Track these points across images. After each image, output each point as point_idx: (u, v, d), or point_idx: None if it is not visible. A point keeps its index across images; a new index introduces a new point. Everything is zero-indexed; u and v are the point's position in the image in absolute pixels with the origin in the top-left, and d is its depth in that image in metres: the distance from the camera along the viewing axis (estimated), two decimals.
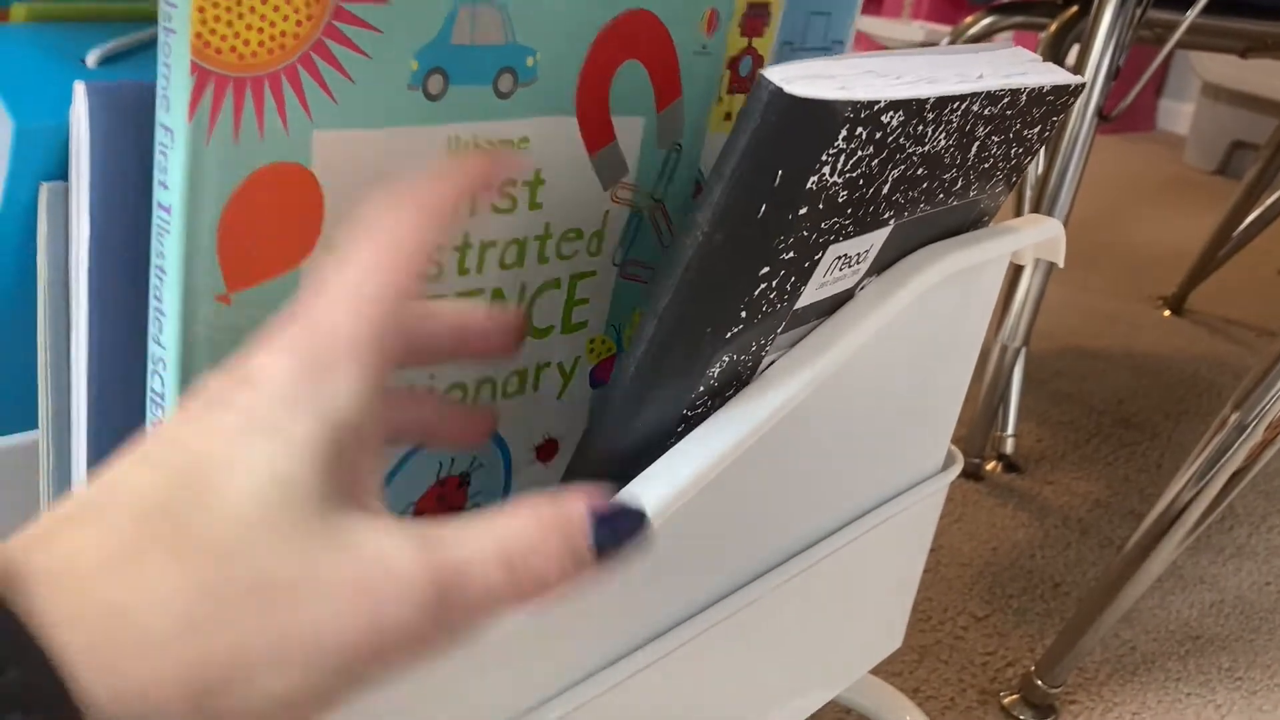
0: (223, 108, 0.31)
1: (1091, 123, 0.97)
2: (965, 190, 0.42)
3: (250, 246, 0.33)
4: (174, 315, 0.33)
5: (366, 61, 0.34)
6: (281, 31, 0.31)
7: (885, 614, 0.59)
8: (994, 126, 0.40)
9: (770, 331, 0.36)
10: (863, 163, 0.33)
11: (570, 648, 0.36)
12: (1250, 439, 0.69)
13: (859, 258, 0.38)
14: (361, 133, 0.35)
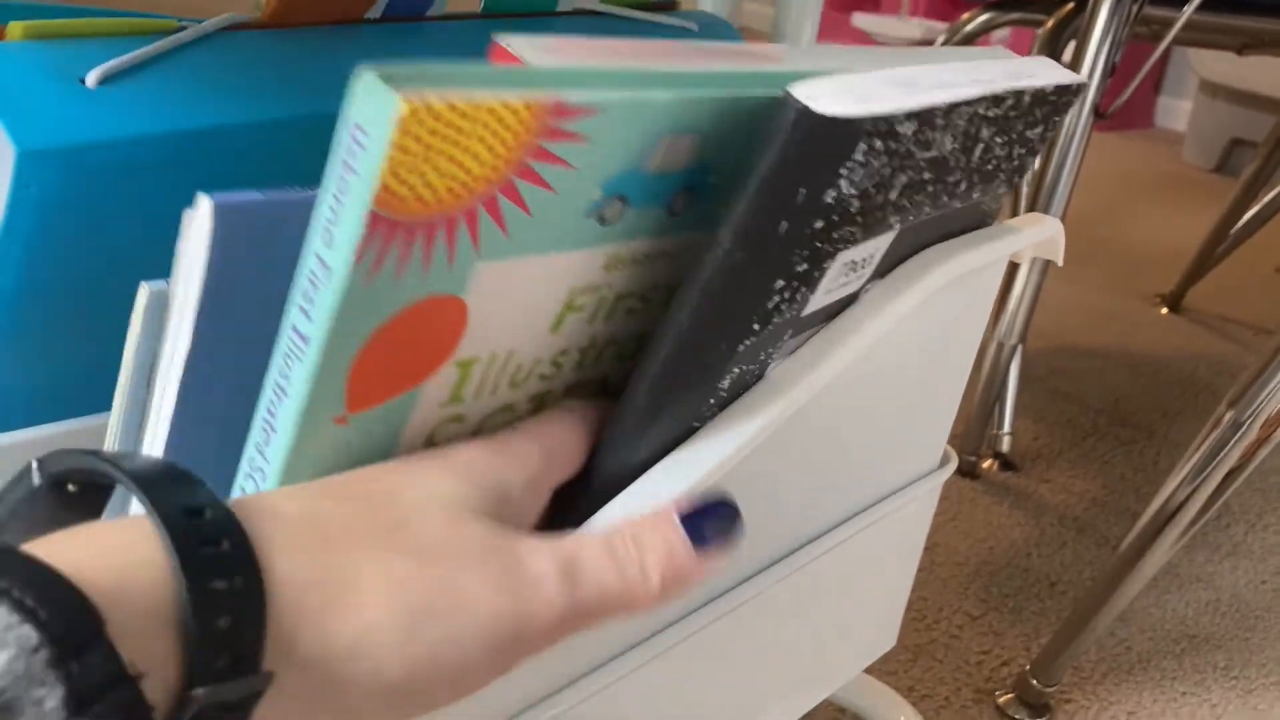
0: (390, 249, 0.27)
1: (1088, 120, 0.97)
2: (969, 192, 0.42)
3: (381, 373, 0.30)
4: (286, 434, 0.30)
5: (552, 196, 0.30)
6: (473, 175, 0.28)
7: (880, 613, 0.59)
8: (998, 128, 0.40)
9: (777, 340, 0.36)
10: (876, 173, 0.33)
11: (564, 647, 0.36)
12: (1245, 437, 0.69)
13: (864, 263, 0.38)
14: (524, 260, 0.31)
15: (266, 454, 0.31)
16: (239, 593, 0.23)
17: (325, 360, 0.29)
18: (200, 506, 0.24)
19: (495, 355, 0.33)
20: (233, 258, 0.32)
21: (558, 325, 0.34)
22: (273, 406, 0.31)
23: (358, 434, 0.31)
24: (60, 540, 0.23)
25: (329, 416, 0.30)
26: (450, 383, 0.32)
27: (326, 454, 0.31)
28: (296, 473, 0.31)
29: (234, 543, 0.24)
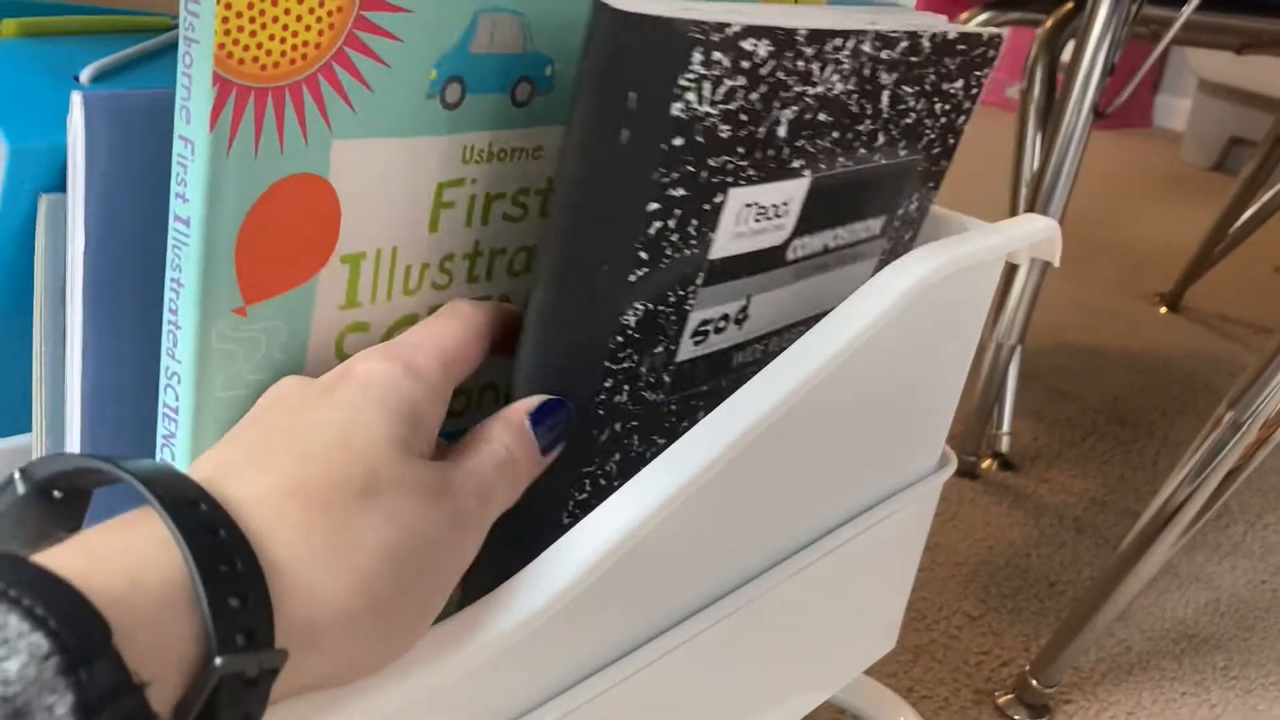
0: (244, 119, 0.31)
1: (1087, 119, 0.97)
2: (892, 147, 0.42)
3: (267, 259, 0.33)
4: (190, 329, 0.32)
5: (386, 70, 0.33)
6: (304, 41, 0.31)
7: (880, 615, 0.59)
8: (902, 75, 0.40)
9: (686, 281, 0.36)
10: (736, 94, 0.34)
11: (565, 651, 0.36)
12: (1245, 438, 0.69)
13: (777, 210, 0.38)
14: (379, 142, 0.34)
15: (177, 355, 0.33)
16: (242, 576, 0.25)
17: (208, 241, 0.31)
18: (196, 500, 0.25)
19: (380, 251, 0.36)
20: (112, 156, 0.33)
21: (435, 223, 0.37)
22: (173, 304, 0.33)
23: (264, 333, 0.34)
24: (67, 549, 0.24)
25: (228, 308, 0.32)
26: (342, 282, 0.35)
27: (236, 352, 0.33)
28: (210, 374, 0.33)
29: (229, 531, 0.25)
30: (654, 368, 0.37)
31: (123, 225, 0.34)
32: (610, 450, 0.38)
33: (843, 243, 0.43)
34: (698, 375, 0.40)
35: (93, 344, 0.35)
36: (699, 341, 0.39)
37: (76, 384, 0.36)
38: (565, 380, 0.36)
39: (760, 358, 0.42)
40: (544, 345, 0.36)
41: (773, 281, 0.40)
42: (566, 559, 0.33)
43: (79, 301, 0.34)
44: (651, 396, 0.38)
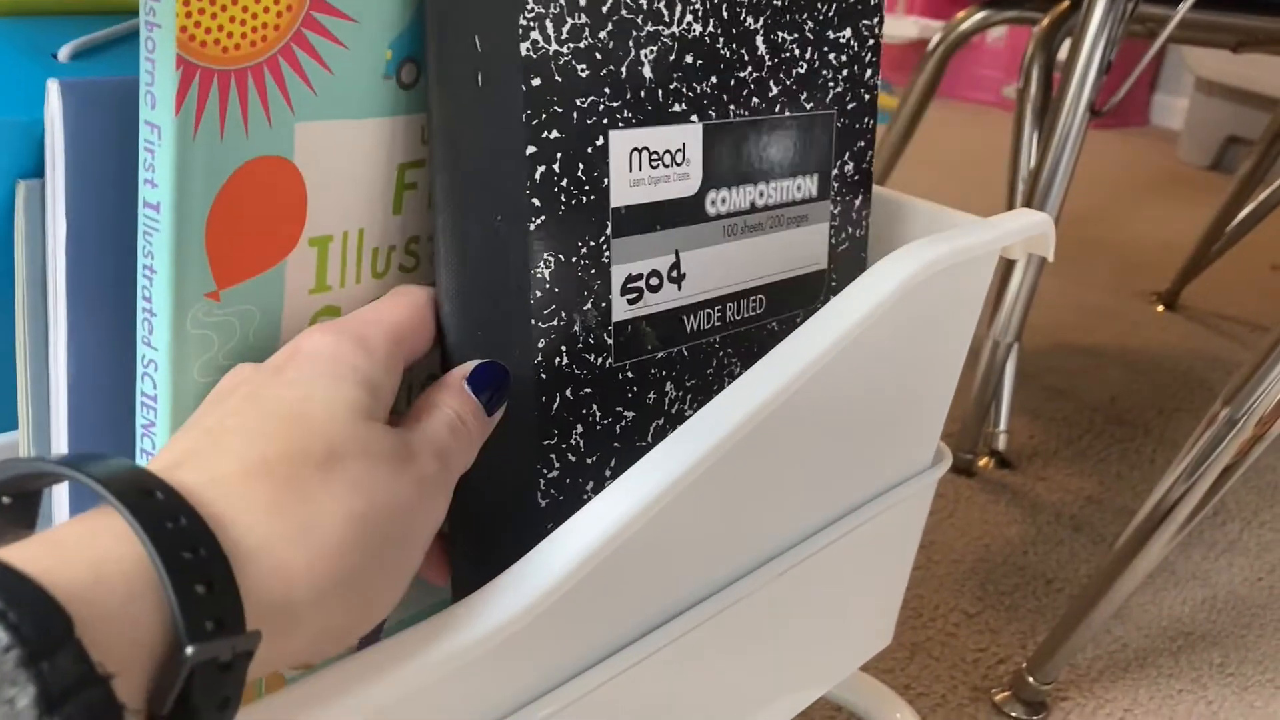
0: (208, 102, 0.31)
1: (1083, 118, 0.97)
2: (792, 99, 0.44)
3: (237, 242, 0.33)
4: (165, 314, 0.33)
5: (344, 52, 0.34)
6: (263, 23, 0.32)
7: (875, 611, 0.58)
8: (771, 20, 0.42)
9: (595, 230, 0.37)
10: (583, 33, 0.35)
11: (558, 646, 0.36)
12: (1240, 435, 0.69)
13: (674, 156, 0.39)
14: (341, 124, 0.35)
15: (153, 342, 0.33)
16: (206, 562, 0.25)
17: (178, 224, 0.32)
18: (152, 489, 0.25)
19: (346, 234, 0.37)
20: (90, 141, 0.34)
21: (399, 205, 0.38)
22: (147, 291, 0.33)
23: (237, 317, 0.34)
24: (29, 545, 0.24)
25: (200, 292, 0.33)
26: (311, 264, 0.36)
27: (211, 338, 0.34)
28: (186, 361, 0.33)
29: (188, 517, 0.25)
30: (588, 326, 0.38)
31: (102, 212, 0.34)
32: (569, 421, 0.38)
33: (773, 201, 0.44)
34: (646, 339, 0.40)
35: (76, 334, 0.35)
36: (634, 299, 0.39)
37: (62, 376, 0.35)
38: (494, 340, 0.36)
39: (719, 325, 0.43)
40: (463, 308, 0.36)
41: (700, 237, 0.41)
42: (553, 557, 0.33)
43: (62, 290, 0.34)
44: (596, 360, 0.38)
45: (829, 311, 0.39)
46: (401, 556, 0.30)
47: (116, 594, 0.23)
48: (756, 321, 0.44)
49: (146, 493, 0.25)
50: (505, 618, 0.31)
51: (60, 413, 0.36)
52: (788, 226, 0.45)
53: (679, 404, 0.42)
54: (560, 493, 0.38)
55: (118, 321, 0.35)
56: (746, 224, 0.43)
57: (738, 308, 0.43)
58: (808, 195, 0.46)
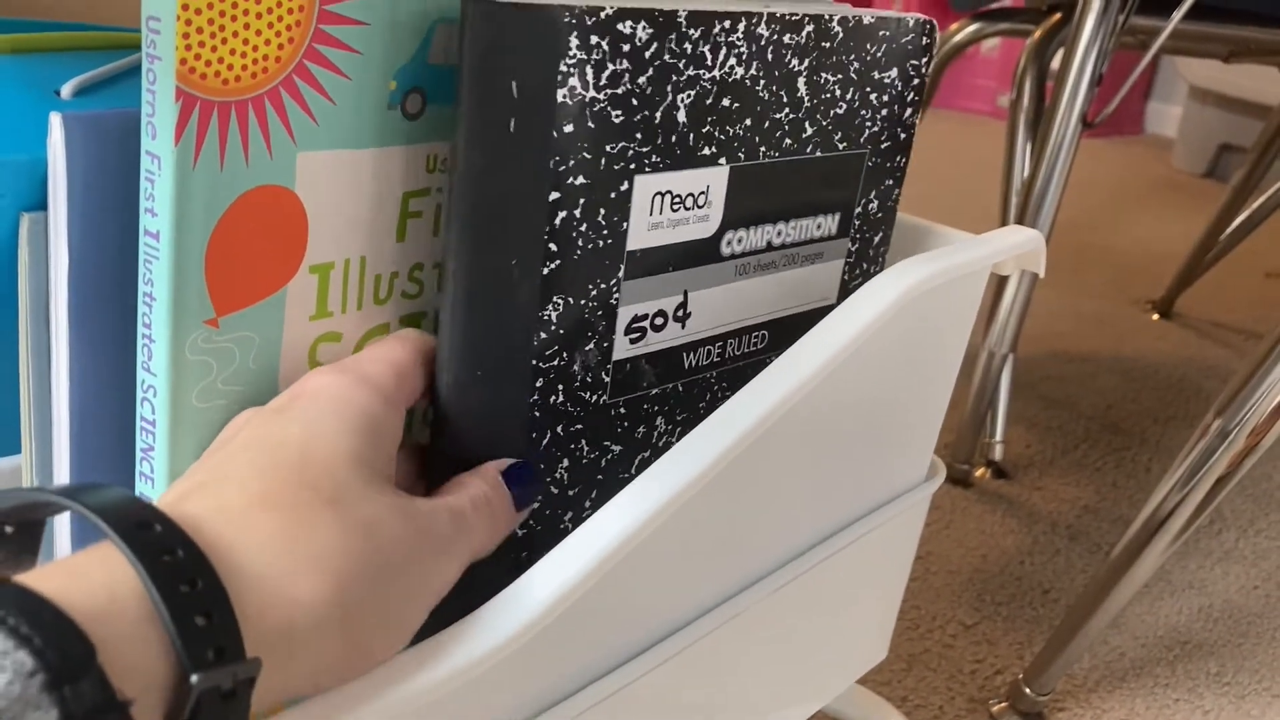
0: (208, 133, 0.31)
1: (1075, 129, 0.97)
2: (826, 139, 0.42)
3: (237, 270, 0.34)
4: (163, 341, 0.33)
5: (347, 83, 0.34)
6: (264, 55, 0.32)
7: (871, 625, 0.59)
8: (816, 61, 0.40)
9: (607, 273, 0.36)
10: (623, 78, 0.34)
11: (547, 670, 0.36)
12: (1233, 446, 0.69)
13: (696, 199, 0.38)
14: (344, 153, 0.35)
15: (152, 367, 0.34)
16: (204, 593, 0.25)
17: (178, 254, 0.32)
18: (150, 521, 0.26)
19: (348, 261, 0.37)
20: (92, 174, 0.34)
21: (402, 232, 0.38)
22: (146, 317, 0.33)
23: (236, 344, 0.34)
24: (48, 570, 0.24)
25: (199, 319, 0.33)
26: (312, 292, 0.36)
27: (210, 364, 0.34)
28: (185, 386, 0.34)
29: (187, 550, 0.25)
30: (588, 366, 0.37)
31: (104, 243, 0.35)
32: (556, 456, 0.38)
33: (791, 240, 0.43)
34: (644, 377, 0.39)
35: (78, 363, 0.36)
36: (636, 339, 0.38)
37: (64, 403, 0.36)
38: (493, 379, 0.36)
39: (718, 360, 0.42)
40: (465, 348, 0.36)
41: (711, 277, 0.40)
42: (547, 580, 0.33)
43: (64, 321, 0.35)
44: (591, 398, 0.38)
45: (819, 331, 0.39)
46: (404, 604, 0.30)
47: (129, 620, 0.24)
48: (757, 356, 0.44)
49: (144, 525, 0.25)
50: (498, 641, 0.31)
51: (62, 438, 0.37)
52: (801, 264, 0.44)
53: (667, 437, 0.42)
54: (539, 524, 0.38)
55: (120, 348, 0.36)
56: (760, 262, 0.42)
57: (739, 343, 0.43)
58: (827, 233, 0.45)
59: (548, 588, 0.32)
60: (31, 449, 0.38)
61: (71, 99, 0.39)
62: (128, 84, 0.41)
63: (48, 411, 0.37)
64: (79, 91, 0.39)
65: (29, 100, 0.39)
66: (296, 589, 0.27)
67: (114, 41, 0.45)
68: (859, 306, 0.40)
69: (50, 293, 0.35)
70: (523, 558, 0.37)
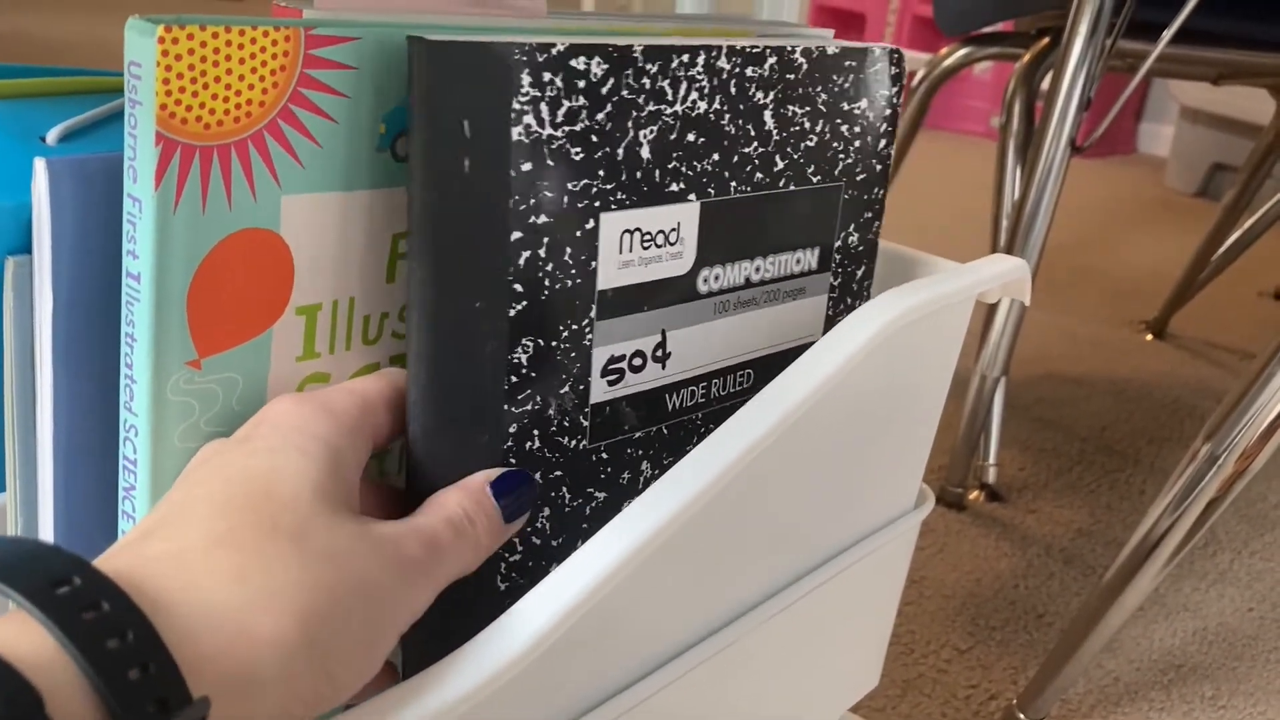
0: (189, 176, 0.31)
1: (1064, 153, 0.98)
2: (798, 172, 0.42)
3: (220, 312, 0.34)
4: (144, 382, 0.33)
5: (334, 126, 0.34)
6: (247, 100, 0.32)
7: (861, 654, 0.59)
8: (782, 94, 0.40)
9: (578, 314, 0.36)
10: (580, 115, 0.34)
11: (538, 701, 0.36)
12: (1222, 471, 0.69)
13: (668, 236, 0.38)
14: (331, 196, 0.35)
15: (134, 408, 0.34)
16: (137, 645, 0.24)
17: (158, 295, 0.32)
18: (67, 576, 0.24)
19: (336, 302, 0.36)
20: (75, 219, 0.34)
21: (392, 273, 0.38)
22: (129, 357, 0.33)
23: (220, 385, 0.34)
24: None
25: (181, 360, 0.33)
26: (298, 334, 0.36)
27: (192, 405, 0.34)
28: (166, 427, 0.33)
29: (114, 601, 0.24)
30: (564, 409, 0.36)
31: (89, 286, 0.35)
32: (536, 505, 0.37)
33: (770, 276, 0.43)
34: (625, 420, 0.39)
35: (63, 403, 0.36)
36: (614, 380, 0.38)
37: (48, 443, 0.36)
38: (464, 426, 0.35)
39: (703, 401, 0.42)
40: (434, 395, 0.35)
41: (690, 315, 0.40)
42: (532, 615, 0.33)
43: (48, 362, 0.35)
44: (570, 442, 0.37)
45: (801, 365, 0.39)
46: (371, 633, 0.30)
47: (74, 673, 0.23)
48: (743, 396, 0.43)
49: (60, 581, 0.24)
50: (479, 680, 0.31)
51: (46, 477, 0.37)
52: (783, 300, 0.44)
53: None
54: (523, 576, 0.37)
55: (105, 389, 0.36)
56: (739, 300, 0.42)
57: (724, 383, 0.42)
58: (807, 269, 0.44)
59: (533, 623, 0.32)
60: (16, 487, 0.38)
61: (57, 144, 0.39)
62: (114, 128, 0.41)
63: (32, 450, 0.38)
64: (65, 137, 0.39)
65: (14, 146, 0.39)
66: (258, 628, 0.27)
67: (100, 86, 0.45)
68: (841, 340, 0.40)
69: (35, 334, 0.36)
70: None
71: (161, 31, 0.30)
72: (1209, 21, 0.98)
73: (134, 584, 0.26)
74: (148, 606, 0.25)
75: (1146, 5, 0.94)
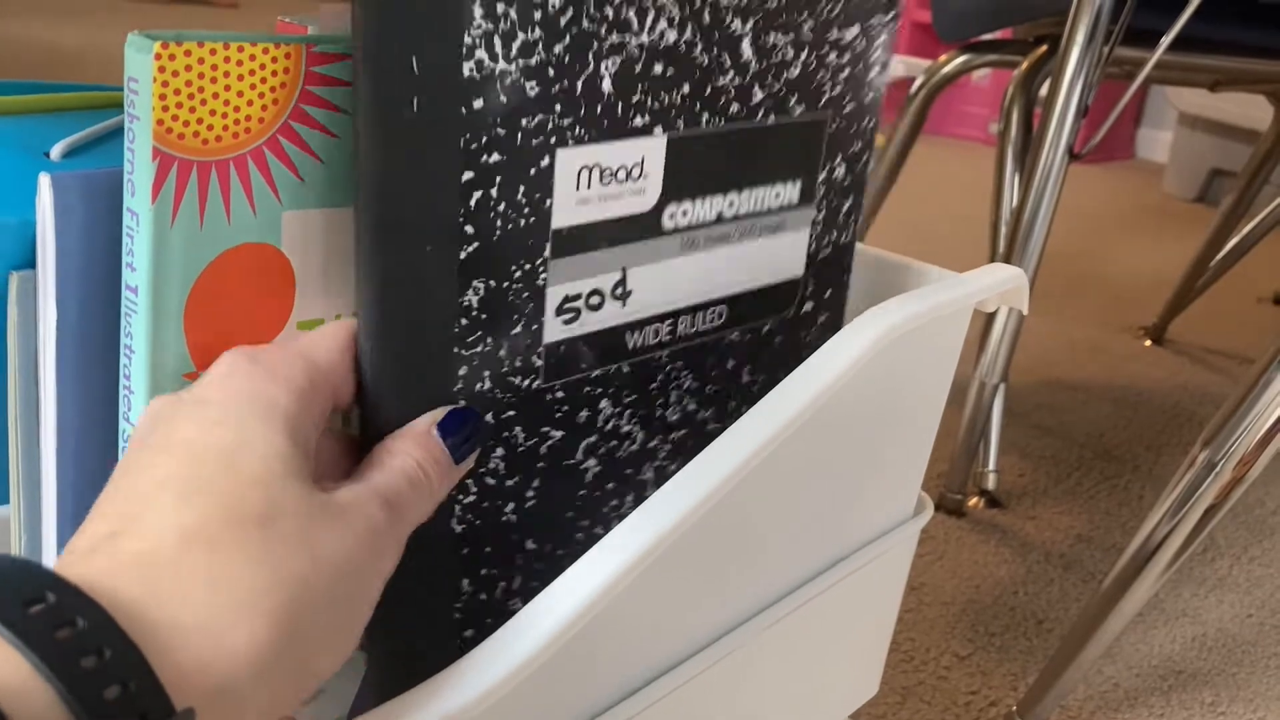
0: (186, 191, 0.32)
1: (1062, 160, 0.98)
2: (779, 103, 0.40)
3: (218, 325, 0.34)
4: (142, 393, 0.33)
5: (334, 142, 0.34)
6: (246, 116, 0.32)
7: (861, 662, 0.59)
8: (762, 22, 0.38)
9: (531, 253, 0.34)
10: (536, 48, 0.32)
11: (537, 714, 0.36)
12: (1220, 478, 0.70)
13: (629, 172, 0.36)
14: (331, 212, 0.35)
15: (132, 418, 0.34)
16: (115, 662, 0.23)
17: (155, 307, 0.32)
18: (40, 595, 0.24)
19: (339, 316, 0.36)
20: (78, 233, 0.34)
21: None
22: (127, 369, 0.34)
23: None
24: None
25: (178, 373, 0.33)
26: None
27: None
28: None
29: (90, 617, 0.24)
30: (515, 350, 0.35)
31: (93, 300, 0.35)
32: (489, 446, 0.36)
33: (745, 211, 0.41)
34: (582, 358, 0.37)
35: (66, 416, 0.36)
36: (570, 320, 0.36)
37: (51, 455, 0.36)
38: (413, 371, 0.34)
39: (669, 339, 0.40)
40: (384, 342, 0.34)
41: (652, 252, 0.38)
42: (529, 629, 0.33)
43: (51, 376, 0.35)
44: (522, 382, 0.36)
45: (796, 377, 0.40)
46: (349, 613, 0.29)
47: (52, 698, 0.23)
48: (714, 333, 0.42)
49: (34, 600, 0.23)
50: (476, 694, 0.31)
51: (50, 489, 0.37)
52: (760, 235, 0.42)
53: (615, 420, 0.39)
54: (478, 517, 0.36)
55: (107, 402, 0.36)
56: (710, 236, 0.40)
57: (692, 320, 0.41)
58: (787, 203, 0.42)
59: (526, 642, 0.32)
60: (20, 500, 0.38)
61: (61, 160, 0.40)
62: (117, 144, 0.42)
63: (36, 463, 0.38)
64: (68, 153, 0.40)
65: (18, 163, 0.39)
66: (234, 638, 0.26)
67: (103, 101, 0.46)
68: (837, 351, 0.41)
69: (39, 348, 0.36)
70: (464, 554, 0.36)
71: (158, 48, 0.30)
72: (1206, 28, 0.99)
73: (107, 595, 0.25)
74: (123, 621, 0.24)
75: (1144, 12, 0.95)
